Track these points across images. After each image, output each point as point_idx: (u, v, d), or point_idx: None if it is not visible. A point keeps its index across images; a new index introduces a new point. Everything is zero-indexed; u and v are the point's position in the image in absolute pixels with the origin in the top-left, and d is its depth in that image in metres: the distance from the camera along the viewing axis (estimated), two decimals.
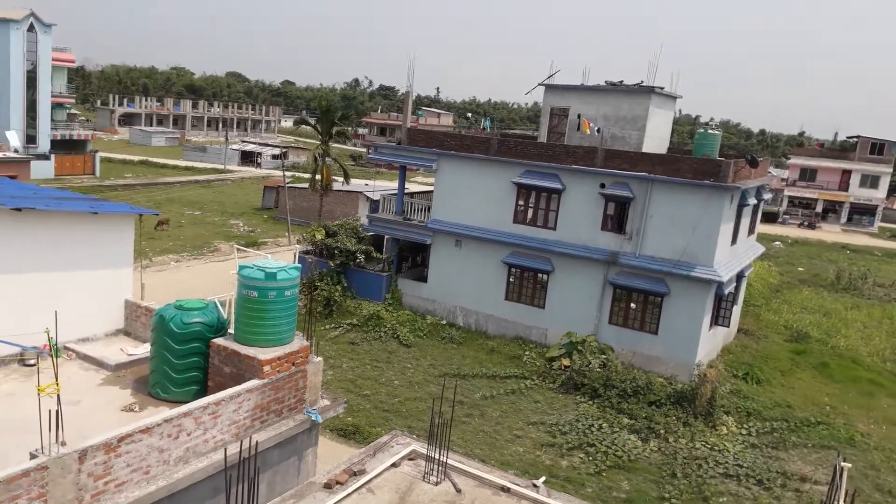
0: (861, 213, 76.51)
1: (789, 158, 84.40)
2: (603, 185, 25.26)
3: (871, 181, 75.52)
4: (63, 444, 7.93)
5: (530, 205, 27.07)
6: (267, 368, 10.52)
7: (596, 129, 27.33)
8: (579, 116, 27.72)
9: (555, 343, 25.33)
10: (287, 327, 11.10)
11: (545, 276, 26.73)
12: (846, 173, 76.41)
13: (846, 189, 76.55)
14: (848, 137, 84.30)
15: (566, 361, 23.47)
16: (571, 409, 21.27)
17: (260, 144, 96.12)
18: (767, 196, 30.66)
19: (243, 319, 10.88)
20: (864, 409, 23.41)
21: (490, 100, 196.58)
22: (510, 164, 27.02)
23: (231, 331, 11.40)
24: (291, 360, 10.98)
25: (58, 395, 7.74)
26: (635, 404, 21.16)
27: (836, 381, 25.98)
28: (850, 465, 16.37)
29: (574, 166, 25.72)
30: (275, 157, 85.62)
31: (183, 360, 11.16)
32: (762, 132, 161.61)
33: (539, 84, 29.50)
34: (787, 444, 20.10)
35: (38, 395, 7.61)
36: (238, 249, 18.29)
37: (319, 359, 11.71)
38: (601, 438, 19.17)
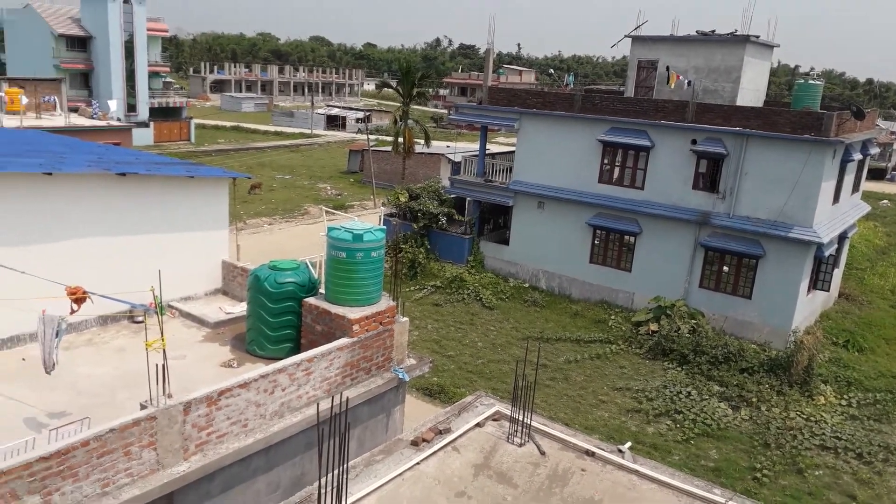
0: None
1: None
2: (694, 142, 24.20)
3: None
4: (170, 396, 8.43)
5: (616, 163, 26.29)
6: (356, 327, 10.81)
7: (686, 81, 26.10)
8: (668, 69, 26.53)
9: (641, 307, 24.77)
10: (374, 288, 11.34)
11: (632, 238, 26.03)
12: None
13: None
14: None
15: (654, 326, 22.94)
16: (659, 375, 20.83)
17: (344, 108, 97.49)
18: (875, 151, 28.72)
19: (333, 279, 11.19)
20: None
21: (574, 55, 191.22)
22: (595, 121, 26.23)
23: (322, 291, 11.75)
24: (379, 320, 11.23)
25: (164, 351, 8.20)
26: (726, 371, 20.48)
27: None
28: None
29: (663, 122, 24.71)
30: (359, 120, 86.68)
31: (277, 318, 11.61)
32: (869, 81, 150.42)
33: (626, 36, 28.38)
34: (892, 416, 18.98)
35: (146, 350, 8.08)
36: (327, 212, 18.64)
37: (405, 319, 11.93)
38: (689, 406, 18.70)
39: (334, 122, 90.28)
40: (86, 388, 10.54)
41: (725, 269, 24.16)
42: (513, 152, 30.26)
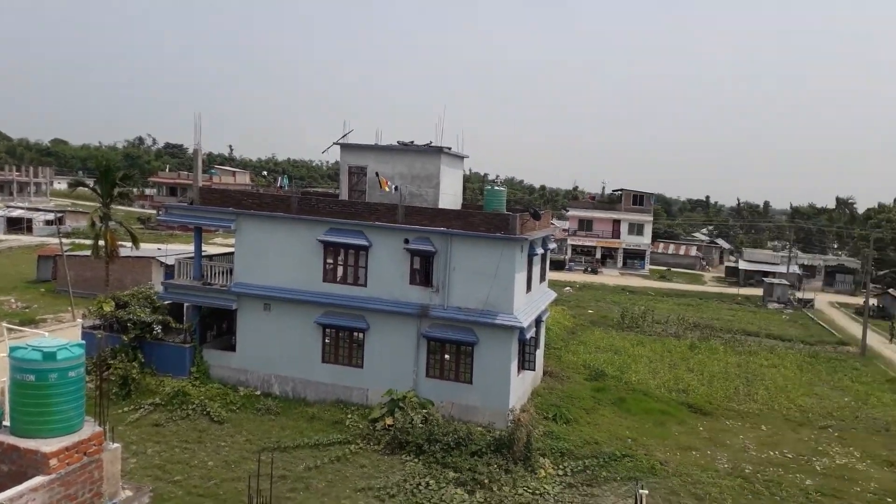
0: (633, 258, 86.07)
1: (568, 211, 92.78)
2: (407, 241, 25.75)
3: (637, 229, 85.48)
4: None
5: (339, 262, 26.80)
6: (54, 462, 9.10)
7: (394, 186, 27.95)
8: (377, 174, 28.22)
9: (376, 403, 24.95)
10: (75, 413, 9.74)
11: (361, 335, 26.41)
12: (616, 223, 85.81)
13: (618, 236, 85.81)
14: (614, 191, 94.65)
15: (389, 420, 23.14)
16: (398, 469, 20.87)
17: (30, 210, 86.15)
18: (553, 245, 33.15)
19: (20, 408, 9.39)
20: (659, 439, 25.53)
21: (289, 158, 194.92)
22: (314, 222, 26.66)
23: (6, 423, 9.77)
24: (83, 450, 9.61)
25: None
26: (459, 456, 21.28)
27: (633, 414, 28.16)
28: (647, 492, 17.84)
29: (377, 223, 25.99)
30: (49, 222, 77.30)
31: None
32: (542, 187, 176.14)
33: (334, 143, 29.63)
34: (599, 479, 21.23)
35: None
36: (9, 329, 15.81)
37: (117, 445, 10.40)
38: (429, 496, 18.93)
39: (17, 226, 79.18)
40: None
41: (447, 357, 25.60)
42: (233, 253, 29.24)
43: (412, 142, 29.50)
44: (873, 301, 60.50)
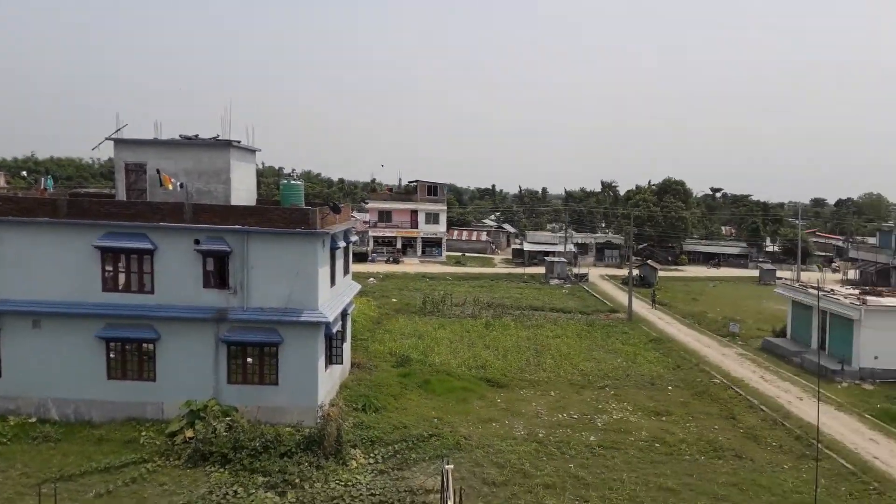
0: (431, 246, 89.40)
1: (367, 203, 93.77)
2: (197, 241, 24.46)
3: (433, 218, 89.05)
4: None
5: (120, 269, 24.70)
6: None
7: (179, 184, 26.33)
8: (159, 171, 26.39)
9: (174, 416, 23.45)
10: None
11: (151, 346, 24.59)
12: (414, 213, 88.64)
13: (416, 226, 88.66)
14: (410, 182, 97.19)
15: (189, 433, 21.92)
16: (203, 482, 19.86)
17: None
18: (355, 238, 33.43)
19: None
20: (463, 415, 26.91)
21: (52, 157, 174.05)
22: (88, 226, 24.32)
23: None
24: None
25: None
26: (267, 460, 20.79)
27: (438, 394, 29.39)
28: (452, 466, 18.84)
29: (162, 224, 24.36)
30: None
31: None
32: (341, 180, 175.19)
33: (107, 139, 27.06)
34: (409, 461, 21.92)
35: None
36: None
37: None
38: None
39: None
40: None
41: (250, 360, 24.76)
42: None
43: (197, 135, 27.84)
44: (636, 272, 68.51)
